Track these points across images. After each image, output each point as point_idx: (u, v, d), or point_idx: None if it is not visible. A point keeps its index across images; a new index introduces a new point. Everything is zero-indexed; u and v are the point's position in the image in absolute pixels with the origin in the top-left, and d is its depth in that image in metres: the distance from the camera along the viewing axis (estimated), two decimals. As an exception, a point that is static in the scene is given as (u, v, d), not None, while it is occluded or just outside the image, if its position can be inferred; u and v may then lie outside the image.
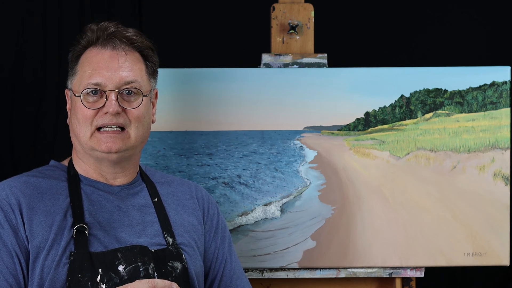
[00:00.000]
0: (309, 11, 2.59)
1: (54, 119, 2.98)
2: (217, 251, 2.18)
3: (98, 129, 2.01)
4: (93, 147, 2.02)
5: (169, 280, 1.98)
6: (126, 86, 2.02)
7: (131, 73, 2.03)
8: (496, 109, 2.55)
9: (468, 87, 2.56)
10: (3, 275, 1.92)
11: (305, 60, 2.56)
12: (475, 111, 2.56)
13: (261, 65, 2.56)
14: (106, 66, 2.01)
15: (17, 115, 2.98)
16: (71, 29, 2.97)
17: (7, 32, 2.96)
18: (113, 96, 1.99)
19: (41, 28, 2.97)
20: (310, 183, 2.55)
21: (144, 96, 2.04)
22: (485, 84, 2.55)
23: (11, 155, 2.98)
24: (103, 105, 2.00)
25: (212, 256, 2.17)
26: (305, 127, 2.55)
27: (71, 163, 2.10)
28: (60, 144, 2.96)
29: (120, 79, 2.01)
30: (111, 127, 2.01)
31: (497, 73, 2.56)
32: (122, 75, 2.01)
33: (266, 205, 2.53)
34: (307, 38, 2.59)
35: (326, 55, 2.57)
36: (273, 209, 2.53)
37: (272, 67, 2.55)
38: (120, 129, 2.02)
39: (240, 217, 2.53)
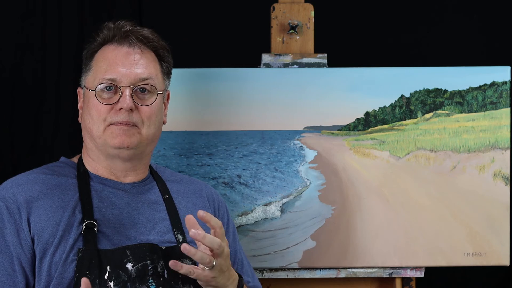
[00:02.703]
0: (309, 11, 2.59)
1: (54, 119, 2.98)
2: (231, 250, 2.17)
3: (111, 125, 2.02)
4: (106, 141, 2.01)
5: (179, 277, 1.98)
6: (141, 83, 2.02)
7: (146, 70, 2.03)
8: (496, 109, 2.55)
9: (468, 87, 2.56)
10: None
11: (305, 60, 2.56)
12: (475, 111, 2.56)
13: (261, 65, 2.56)
14: (121, 63, 2.02)
15: (17, 115, 2.98)
16: (71, 29, 2.97)
17: (7, 32, 2.96)
18: (127, 92, 2.00)
19: (41, 28, 2.97)
20: (310, 183, 2.55)
21: (158, 93, 2.04)
22: (485, 84, 2.55)
23: (11, 155, 2.98)
24: (117, 101, 2.00)
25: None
26: (305, 127, 2.55)
27: (80, 161, 2.10)
28: (60, 144, 2.96)
29: (135, 76, 2.01)
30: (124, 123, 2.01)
31: (497, 73, 2.56)
32: (137, 72, 2.02)
33: (266, 205, 2.53)
34: (307, 38, 2.59)
35: (326, 55, 2.57)
36: (273, 209, 2.53)
37: (272, 67, 2.55)
38: (132, 126, 2.02)
39: (240, 217, 2.53)
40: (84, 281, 1.78)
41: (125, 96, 2.00)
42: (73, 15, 2.98)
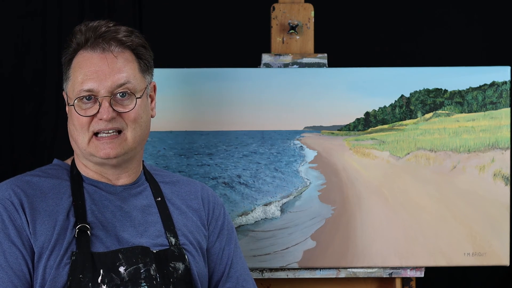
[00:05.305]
0: (309, 11, 2.59)
1: (54, 119, 2.98)
2: (222, 252, 2.15)
3: (96, 134, 1.99)
4: (91, 153, 2.00)
5: (170, 281, 1.98)
6: (119, 89, 1.98)
7: (123, 75, 1.99)
8: (496, 109, 2.55)
9: (468, 87, 2.56)
10: (8, 276, 1.92)
11: (305, 60, 2.56)
12: (475, 111, 2.56)
13: (261, 65, 2.56)
14: (96, 71, 1.98)
15: (17, 115, 2.98)
16: (71, 29, 2.96)
17: (7, 32, 2.96)
18: (106, 103, 1.96)
19: (41, 29, 2.97)
20: (310, 183, 2.55)
21: (137, 98, 2.00)
22: (485, 84, 2.55)
23: (11, 155, 2.98)
24: (97, 112, 1.97)
25: (216, 257, 2.15)
26: (305, 127, 2.55)
27: (73, 163, 2.09)
28: (60, 143, 2.96)
29: (112, 83, 1.97)
30: (108, 132, 1.98)
31: (497, 73, 2.56)
32: (114, 79, 1.98)
33: (266, 205, 2.53)
34: (307, 38, 2.59)
35: (326, 55, 2.57)
36: (273, 209, 2.53)
37: (272, 67, 2.55)
38: (117, 133, 1.99)
39: (240, 217, 2.53)
40: None
41: (104, 108, 1.96)
42: (73, 15, 2.98)
